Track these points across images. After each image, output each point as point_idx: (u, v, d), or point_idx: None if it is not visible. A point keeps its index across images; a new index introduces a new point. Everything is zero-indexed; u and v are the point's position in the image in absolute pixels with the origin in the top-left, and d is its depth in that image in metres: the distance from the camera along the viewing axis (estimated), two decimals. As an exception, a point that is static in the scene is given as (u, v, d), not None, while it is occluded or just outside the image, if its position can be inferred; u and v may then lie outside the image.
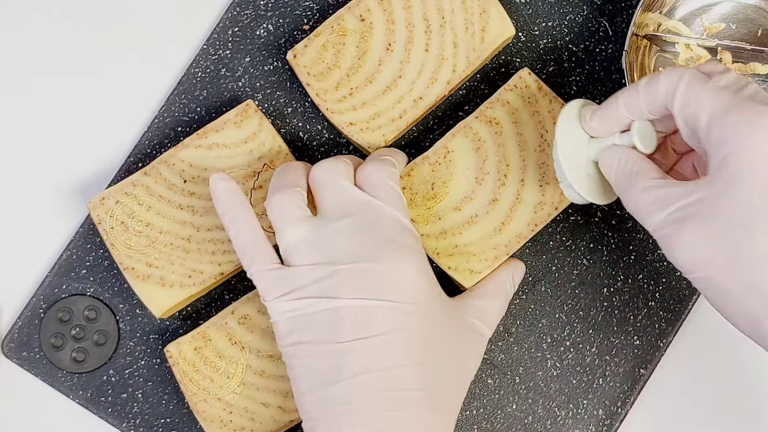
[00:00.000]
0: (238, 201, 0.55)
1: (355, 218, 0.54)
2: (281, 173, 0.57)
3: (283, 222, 0.54)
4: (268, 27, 0.65)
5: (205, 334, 0.59)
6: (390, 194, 0.55)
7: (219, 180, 0.55)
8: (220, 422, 0.58)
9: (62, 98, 0.66)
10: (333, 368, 0.52)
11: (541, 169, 0.59)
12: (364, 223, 0.54)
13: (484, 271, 0.59)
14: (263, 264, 0.54)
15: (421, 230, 0.60)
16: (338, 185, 0.55)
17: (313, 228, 0.54)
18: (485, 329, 0.58)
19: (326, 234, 0.53)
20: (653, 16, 0.62)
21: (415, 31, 0.61)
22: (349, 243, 0.53)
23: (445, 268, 0.59)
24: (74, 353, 0.62)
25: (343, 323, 0.52)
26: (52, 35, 0.66)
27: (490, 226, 0.59)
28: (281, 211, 0.54)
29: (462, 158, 0.60)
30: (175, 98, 0.64)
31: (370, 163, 0.56)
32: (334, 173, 0.55)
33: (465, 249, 0.59)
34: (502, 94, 0.61)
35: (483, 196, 0.60)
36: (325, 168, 0.55)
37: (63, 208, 0.65)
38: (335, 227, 0.54)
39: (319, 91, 0.61)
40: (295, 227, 0.54)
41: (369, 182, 0.55)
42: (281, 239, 0.54)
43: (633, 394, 0.63)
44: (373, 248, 0.53)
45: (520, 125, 0.60)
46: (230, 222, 0.55)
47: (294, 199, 0.55)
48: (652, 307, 0.63)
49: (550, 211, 0.59)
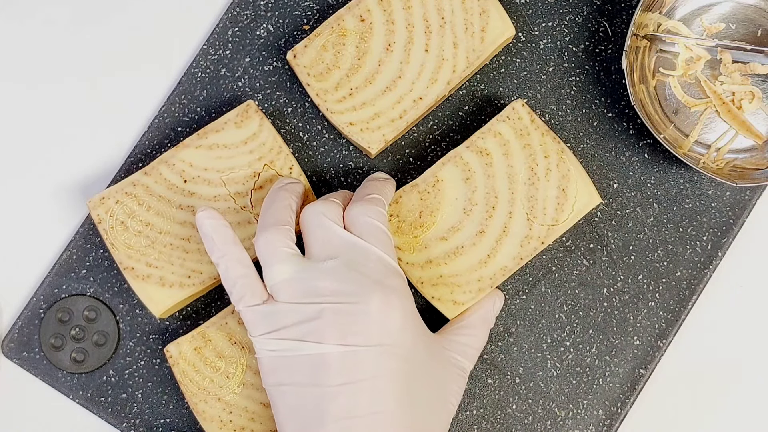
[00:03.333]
0: (227, 238, 0.55)
1: (342, 259, 0.54)
2: (269, 206, 0.57)
3: (271, 260, 0.54)
4: (268, 27, 0.65)
5: (205, 334, 0.59)
6: (377, 235, 0.55)
7: (206, 218, 0.55)
8: (220, 422, 0.59)
9: (62, 98, 0.66)
10: (317, 412, 0.52)
11: (529, 203, 0.59)
12: (351, 264, 0.54)
13: (468, 302, 0.59)
14: (251, 299, 0.54)
15: (407, 258, 0.60)
16: (325, 227, 0.55)
17: (299, 268, 0.54)
18: (467, 364, 0.58)
19: (312, 274, 0.54)
20: (653, 16, 0.62)
21: (415, 31, 0.61)
22: (335, 283, 0.53)
23: (428, 297, 0.59)
24: (74, 353, 0.62)
25: (328, 368, 0.52)
26: (51, 35, 0.66)
27: (475, 258, 0.59)
28: (268, 250, 0.54)
29: (451, 188, 0.60)
30: (175, 98, 0.64)
31: (357, 204, 0.56)
32: (322, 215, 0.55)
33: (449, 280, 0.59)
34: (494, 124, 0.60)
35: (470, 227, 0.59)
36: (314, 210, 0.56)
37: (63, 208, 0.65)
38: (322, 268, 0.54)
39: (319, 91, 0.61)
40: (282, 266, 0.54)
41: (356, 223, 0.55)
42: (268, 276, 0.54)
43: (633, 394, 0.63)
44: (359, 289, 0.53)
45: (511, 157, 0.60)
46: (219, 259, 0.55)
47: (282, 238, 0.55)
48: (652, 307, 0.63)
49: (537, 245, 0.59)
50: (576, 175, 0.59)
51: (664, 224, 0.63)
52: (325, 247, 0.55)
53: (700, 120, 0.63)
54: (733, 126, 0.63)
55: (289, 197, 0.57)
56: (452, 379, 0.57)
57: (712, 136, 0.63)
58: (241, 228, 0.60)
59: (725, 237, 0.63)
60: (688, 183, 0.64)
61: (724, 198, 0.64)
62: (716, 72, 0.63)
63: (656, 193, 0.63)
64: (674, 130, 0.63)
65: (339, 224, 0.55)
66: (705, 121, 0.63)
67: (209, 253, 0.55)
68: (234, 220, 0.60)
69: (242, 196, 0.60)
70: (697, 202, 0.64)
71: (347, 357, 0.52)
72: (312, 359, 0.52)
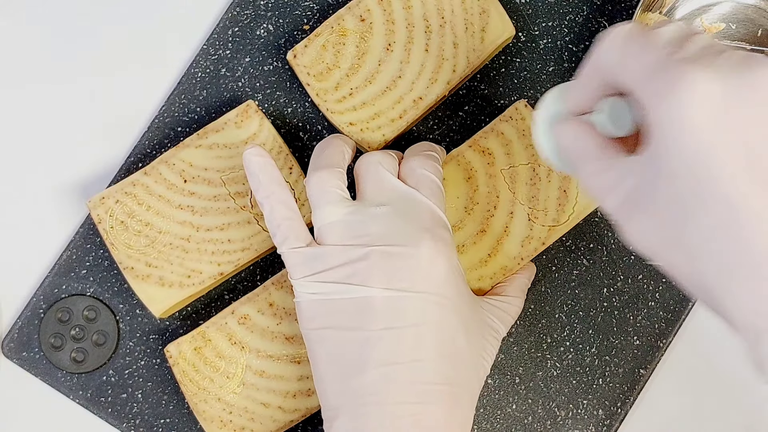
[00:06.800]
0: (273, 178, 0.54)
1: (394, 206, 0.54)
2: (323, 150, 0.56)
3: (321, 201, 0.54)
4: (268, 27, 0.65)
5: (205, 334, 0.59)
6: (432, 189, 0.55)
7: (254, 155, 0.54)
8: (220, 422, 0.59)
9: (62, 98, 0.66)
10: (359, 357, 0.51)
11: (530, 203, 0.59)
12: (403, 212, 0.53)
13: None
14: (295, 242, 0.53)
15: None
16: (381, 174, 0.55)
17: (350, 210, 0.53)
18: (502, 328, 0.58)
19: (363, 217, 0.53)
20: (653, 16, 0.62)
21: (415, 31, 0.61)
22: (385, 228, 0.53)
23: None
24: (74, 353, 0.62)
25: (372, 312, 0.51)
26: (52, 35, 0.66)
27: (476, 257, 0.59)
28: (321, 190, 0.54)
29: (453, 186, 0.60)
30: (175, 98, 0.64)
31: (415, 157, 0.56)
32: (379, 164, 0.55)
33: None
34: (497, 124, 0.60)
35: (471, 225, 0.59)
36: (370, 158, 0.55)
37: (63, 208, 0.65)
38: (373, 212, 0.53)
39: (319, 91, 0.61)
40: (333, 207, 0.53)
41: (413, 175, 0.55)
42: (317, 218, 0.54)
43: (633, 394, 0.63)
44: (408, 235, 0.52)
45: (513, 157, 0.60)
46: (264, 199, 0.54)
47: (334, 179, 0.54)
48: (652, 307, 0.63)
49: (537, 245, 0.59)
50: None
51: (664, 224, 0.63)
52: (379, 194, 0.54)
53: (700, 120, 0.63)
54: (733, 126, 0.63)
55: (343, 144, 0.57)
56: (488, 341, 0.56)
57: (712, 136, 0.63)
58: (241, 228, 0.60)
59: (725, 237, 0.63)
60: (688, 183, 0.64)
61: (724, 198, 0.64)
62: (716, 72, 0.63)
63: (656, 193, 0.64)
64: (674, 130, 0.63)
65: (394, 174, 0.55)
66: (705, 121, 0.63)
67: (254, 192, 0.54)
68: (234, 220, 0.60)
69: (242, 196, 0.60)
70: (697, 202, 0.64)
71: (392, 302, 0.51)
72: (356, 302, 0.51)
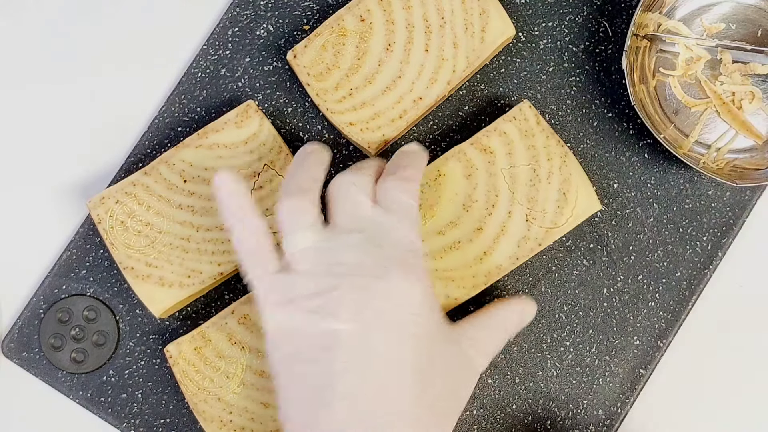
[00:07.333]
0: (241, 205, 0.53)
1: (367, 234, 0.52)
2: (296, 173, 0.55)
3: (292, 227, 0.53)
4: (268, 27, 0.65)
5: (205, 334, 0.59)
6: (408, 213, 0.54)
7: (223, 181, 0.53)
8: (220, 422, 0.59)
9: (62, 98, 0.66)
10: (325, 388, 0.50)
11: (529, 204, 0.59)
12: (376, 240, 0.52)
13: (462, 298, 0.59)
14: (264, 268, 0.52)
15: None
16: (354, 199, 0.53)
17: (321, 237, 0.52)
18: (481, 360, 0.56)
19: (334, 245, 0.52)
20: (653, 16, 0.62)
21: (414, 31, 0.61)
22: (357, 257, 0.51)
23: None
24: (74, 353, 0.62)
25: (340, 345, 0.50)
26: (52, 35, 0.66)
27: (471, 255, 0.59)
28: (291, 216, 0.53)
29: (452, 183, 0.60)
30: (175, 98, 0.64)
31: (392, 179, 0.54)
32: (353, 185, 0.54)
33: (444, 274, 0.59)
34: (500, 124, 0.60)
35: (468, 223, 0.59)
36: (344, 180, 0.54)
37: (63, 208, 0.65)
38: (344, 240, 0.52)
39: (319, 91, 0.61)
40: (304, 234, 0.52)
41: (387, 198, 0.54)
42: (288, 244, 0.53)
43: (633, 394, 0.63)
44: (380, 265, 0.51)
45: (514, 157, 0.60)
46: (232, 227, 0.53)
47: (306, 205, 0.53)
48: (652, 307, 0.63)
49: (534, 246, 0.59)
50: (577, 179, 0.59)
51: (664, 224, 0.63)
52: (352, 219, 0.53)
53: (700, 120, 0.63)
54: (733, 126, 0.63)
55: (314, 165, 0.55)
56: (464, 372, 0.55)
57: (712, 136, 0.63)
58: (241, 228, 0.60)
59: (725, 237, 0.63)
60: (688, 183, 0.64)
61: (724, 198, 0.64)
62: (716, 72, 0.63)
63: (656, 194, 0.63)
64: (674, 131, 0.63)
65: (368, 197, 0.54)
66: (705, 121, 0.63)
67: (223, 220, 0.54)
68: (234, 220, 0.60)
69: (242, 196, 0.60)
70: (697, 202, 0.64)
71: (360, 334, 0.50)
72: (323, 334, 0.50)
